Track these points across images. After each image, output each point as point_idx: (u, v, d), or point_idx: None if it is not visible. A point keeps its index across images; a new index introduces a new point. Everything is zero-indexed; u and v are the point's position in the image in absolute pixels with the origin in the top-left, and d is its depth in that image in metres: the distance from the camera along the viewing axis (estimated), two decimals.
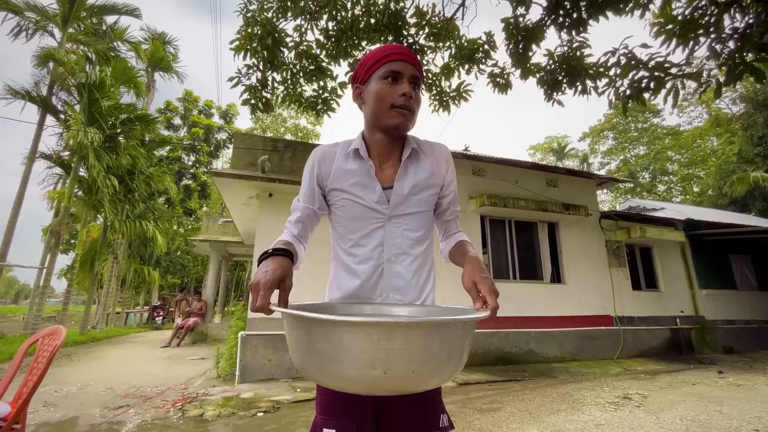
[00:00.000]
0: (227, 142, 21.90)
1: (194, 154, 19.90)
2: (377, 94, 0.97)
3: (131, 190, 11.63)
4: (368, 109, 1.00)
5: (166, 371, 6.03)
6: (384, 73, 0.96)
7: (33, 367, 2.12)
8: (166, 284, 20.70)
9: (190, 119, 19.88)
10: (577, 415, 3.66)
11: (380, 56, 0.97)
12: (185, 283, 23.76)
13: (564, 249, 7.42)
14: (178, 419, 3.57)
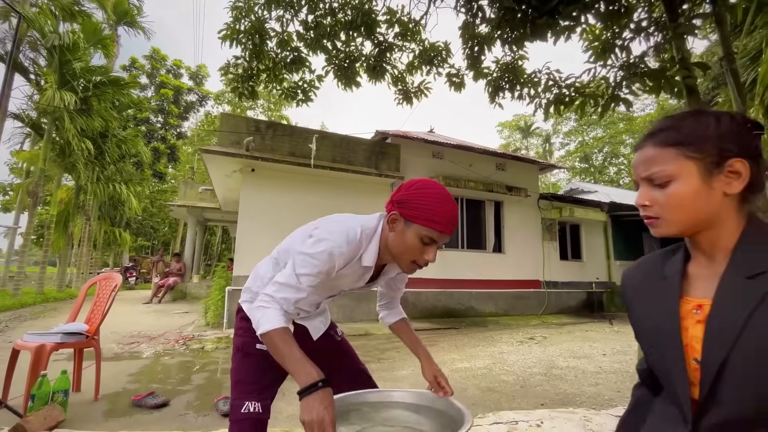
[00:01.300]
0: (197, 105, 21.51)
1: (162, 115, 19.49)
2: (410, 246, 1.00)
3: (102, 153, 11.74)
4: (395, 242, 1.03)
5: (157, 321, 6.87)
6: (427, 234, 0.98)
7: (96, 302, 2.98)
8: (136, 246, 20.83)
9: (157, 79, 19.26)
10: (490, 348, 4.96)
11: (435, 220, 0.97)
12: (158, 246, 23.84)
13: (506, 224, 8.73)
14: (184, 351, 4.53)
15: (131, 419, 2.49)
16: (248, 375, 1.15)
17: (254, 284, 1.23)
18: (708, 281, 0.66)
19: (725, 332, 0.59)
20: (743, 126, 0.66)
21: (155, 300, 9.89)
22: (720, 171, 0.64)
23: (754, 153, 0.64)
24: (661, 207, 0.68)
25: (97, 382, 2.82)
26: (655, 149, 0.68)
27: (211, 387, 3.25)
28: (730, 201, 0.65)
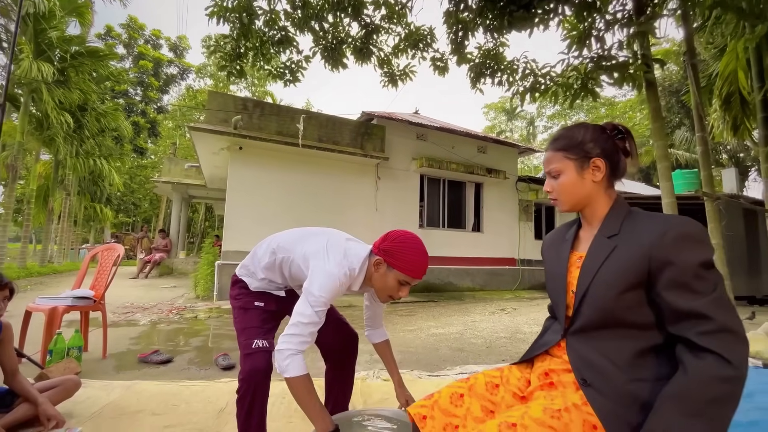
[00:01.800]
0: (178, 78, 20.88)
1: (141, 88, 18.88)
2: (389, 286, 1.27)
3: (81, 126, 11.49)
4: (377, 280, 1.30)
5: (146, 294, 7.09)
6: (403, 279, 1.25)
7: (99, 270, 3.22)
8: (116, 223, 20.55)
9: (136, 50, 18.51)
10: (464, 317, 5.43)
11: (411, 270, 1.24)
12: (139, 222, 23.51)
13: (485, 205, 9.15)
14: (179, 319, 4.81)
15: (140, 372, 2.79)
16: (252, 322, 1.42)
17: (251, 263, 1.54)
18: (588, 241, 0.99)
19: (589, 272, 0.93)
20: (603, 133, 0.98)
21: (142, 275, 10.02)
22: (587, 166, 0.96)
23: (611, 152, 0.97)
24: (557, 192, 1.00)
25: (104, 341, 3.10)
26: (551, 153, 1.01)
27: (209, 348, 3.56)
28: (598, 186, 0.97)
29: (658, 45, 19.27)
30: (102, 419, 1.95)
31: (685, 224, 0.84)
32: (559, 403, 0.84)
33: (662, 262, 0.81)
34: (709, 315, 0.76)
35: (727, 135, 6.12)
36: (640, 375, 0.83)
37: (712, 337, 0.75)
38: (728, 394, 0.74)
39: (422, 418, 0.97)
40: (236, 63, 5.39)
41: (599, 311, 0.88)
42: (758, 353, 3.10)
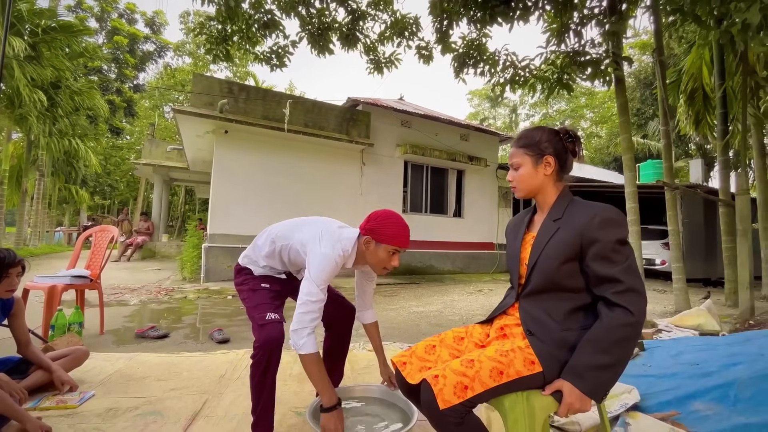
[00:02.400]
0: (155, 55, 20.09)
1: (117, 65, 18.11)
2: (381, 258, 1.46)
3: (54, 104, 11.08)
4: (370, 256, 1.48)
5: (132, 276, 7.13)
6: (392, 249, 1.45)
7: (94, 251, 3.32)
8: (93, 206, 19.98)
9: (109, 24, 17.65)
10: (443, 297, 5.76)
11: (396, 240, 1.43)
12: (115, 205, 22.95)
13: (466, 191, 9.46)
14: (169, 299, 4.94)
15: (138, 346, 2.96)
16: (263, 299, 1.59)
17: (252, 253, 1.72)
18: (539, 224, 1.24)
19: (538, 248, 1.17)
20: (557, 136, 1.21)
21: (123, 258, 9.95)
22: (541, 162, 1.19)
23: (561, 152, 1.20)
24: (516, 181, 1.24)
25: (101, 318, 3.24)
26: (514, 149, 1.24)
27: (202, 324, 3.74)
28: (549, 178, 1.21)
29: (637, 36, 19.79)
30: (111, 384, 2.14)
31: (608, 211, 1.09)
32: (508, 345, 1.10)
33: (590, 239, 1.06)
34: (621, 279, 1.01)
35: (690, 128, 6.55)
36: (570, 326, 1.10)
37: (622, 296, 1.00)
38: (629, 336, 1.01)
39: (402, 364, 1.21)
40: (222, 46, 5.39)
41: (544, 279, 1.13)
42: (699, 326, 3.51)
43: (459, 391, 0.99)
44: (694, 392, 1.62)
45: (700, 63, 6.28)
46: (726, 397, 1.53)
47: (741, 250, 4.50)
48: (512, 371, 1.04)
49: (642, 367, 2.03)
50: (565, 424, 1.62)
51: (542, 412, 1.04)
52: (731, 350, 1.95)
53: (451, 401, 0.98)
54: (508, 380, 1.03)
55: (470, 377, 1.01)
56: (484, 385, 1.01)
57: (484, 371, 1.03)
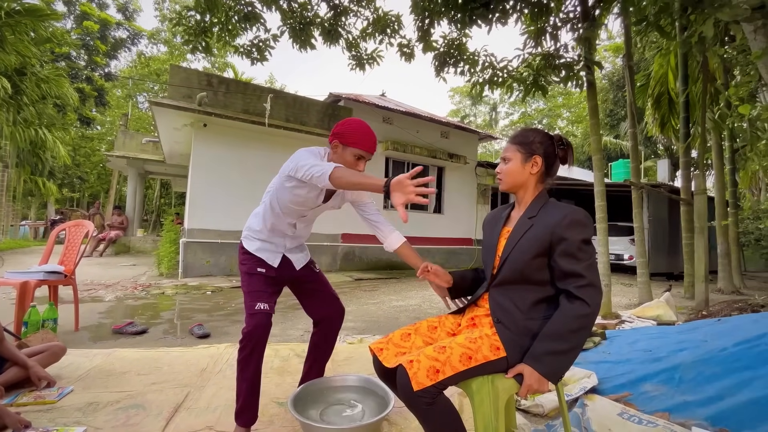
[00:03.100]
0: (128, 42, 19.31)
1: (87, 52, 17.30)
2: (347, 162, 1.50)
3: (19, 92, 10.54)
4: (337, 160, 1.52)
5: (105, 272, 6.93)
6: (357, 153, 1.51)
7: (67, 246, 3.25)
8: (61, 199, 19.14)
9: (78, 8, 16.80)
10: (422, 292, 5.89)
11: (360, 143, 1.50)
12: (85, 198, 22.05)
13: (447, 188, 9.64)
14: (146, 295, 4.87)
15: (116, 342, 2.94)
16: (257, 286, 1.60)
17: (251, 222, 1.76)
18: (516, 219, 1.34)
19: (512, 242, 1.27)
20: (550, 141, 1.29)
21: (95, 254, 9.63)
22: (530, 160, 1.28)
23: (550, 156, 1.28)
24: (503, 174, 1.32)
25: (76, 315, 3.19)
26: (509, 144, 1.33)
27: (182, 320, 3.73)
28: (534, 177, 1.29)
29: (612, 39, 20.47)
30: (90, 379, 2.14)
31: (577, 213, 1.20)
32: (477, 333, 1.20)
33: (559, 237, 1.17)
34: (583, 275, 1.13)
35: (656, 131, 6.91)
36: (533, 315, 1.21)
37: (583, 289, 1.12)
38: (585, 325, 1.12)
39: (379, 350, 1.30)
40: (201, 38, 5.29)
41: (514, 271, 1.23)
42: (658, 316, 3.77)
43: (431, 375, 1.08)
44: (645, 375, 1.78)
45: (667, 68, 6.62)
46: (672, 379, 1.69)
47: (698, 246, 4.83)
48: (480, 356, 1.14)
49: (602, 354, 2.20)
50: (530, 407, 1.76)
51: (505, 393, 1.15)
52: (680, 338, 2.14)
53: (423, 383, 1.07)
54: (476, 364, 1.13)
55: (442, 362, 1.11)
56: (454, 369, 1.11)
57: (454, 356, 1.12)
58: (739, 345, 1.76)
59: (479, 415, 1.13)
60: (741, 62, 3.97)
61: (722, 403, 1.47)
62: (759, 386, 1.48)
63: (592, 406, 1.63)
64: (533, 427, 1.60)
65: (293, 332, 3.33)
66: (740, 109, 2.50)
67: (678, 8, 3.02)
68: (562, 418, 1.30)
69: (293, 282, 1.82)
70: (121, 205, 12.21)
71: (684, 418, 1.48)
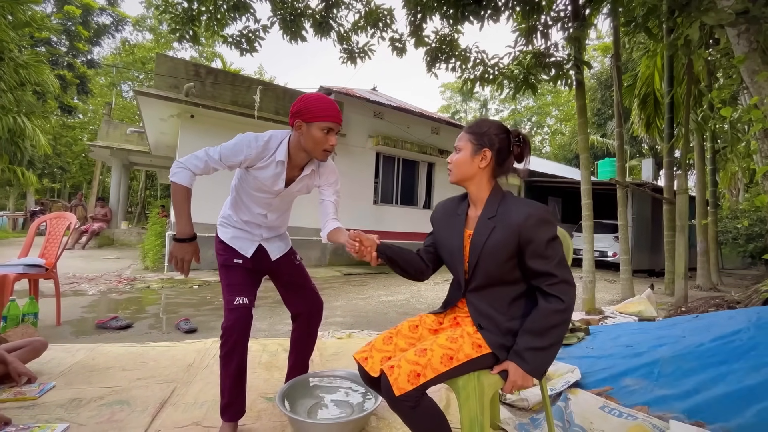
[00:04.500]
0: (112, 29, 18.72)
1: (68, 38, 16.69)
2: (316, 139, 1.42)
3: None
4: (305, 140, 1.44)
5: (88, 265, 6.79)
6: (324, 126, 1.41)
7: (48, 239, 3.17)
8: (41, 189, 18.59)
9: None
10: (411, 287, 5.93)
11: (324, 115, 1.40)
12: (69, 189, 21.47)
13: (436, 183, 9.68)
14: (131, 289, 4.78)
15: (100, 337, 2.89)
16: (234, 279, 1.57)
17: (221, 219, 1.74)
18: (474, 220, 1.28)
19: (477, 248, 1.23)
20: (505, 134, 1.25)
21: (78, 246, 9.42)
22: (479, 153, 1.23)
23: (502, 150, 1.24)
24: (453, 164, 1.28)
25: (57, 309, 3.12)
26: (462, 133, 1.28)
27: (168, 314, 3.68)
28: (482, 172, 1.24)
29: (601, 39, 20.71)
30: (73, 375, 2.10)
31: (539, 210, 1.16)
32: (458, 332, 1.21)
33: (527, 239, 1.15)
34: (554, 273, 1.13)
35: (641, 131, 7.04)
36: (514, 314, 1.21)
37: (555, 287, 1.12)
38: (561, 321, 1.12)
39: (364, 360, 1.25)
40: (189, 27, 5.17)
41: (487, 276, 1.22)
42: (639, 312, 3.87)
43: (412, 379, 1.08)
44: (625, 370, 1.83)
45: (653, 70, 6.74)
46: (651, 374, 1.75)
47: (679, 243, 4.96)
48: (461, 355, 1.14)
49: (585, 349, 2.25)
50: (515, 401, 1.79)
51: (490, 389, 1.17)
52: (660, 333, 2.20)
53: (405, 388, 1.06)
54: (457, 364, 1.13)
55: (422, 365, 1.10)
56: (435, 371, 1.10)
57: (435, 359, 1.12)
58: (715, 341, 1.83)
59: (465, 411, 1.15)
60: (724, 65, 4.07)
61: (698, 396, 1.53)
62: (733, 380, 1.54)
63: (575, 400, 1.67)
64: (518, 421, 1.64)
65: (281, 327, 3.32)
66: (722, 111, 2.56)
67: (665, 11, 3.07)
68: (546, 412, 1.33)
69: (272, 272, 1.77)
70: (105, 196, 11.92)
71: (662, 411, 1.53)
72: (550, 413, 1.32)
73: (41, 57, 11.82)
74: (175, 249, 1.42)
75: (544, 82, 5.25)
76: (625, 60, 12.21)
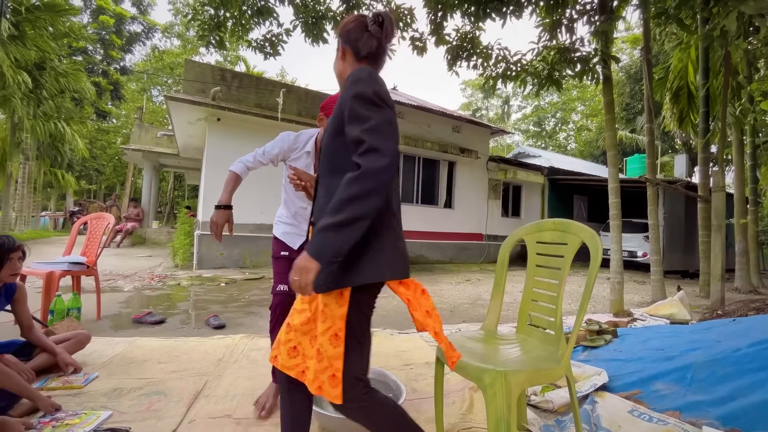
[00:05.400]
0: (143, 36, 19.56)
1: (102, 46, 17.58)
2: None
3: (39, 86, 10.81)
4: None
5: (123, 263, 7.13)
6: None
7: (89, 238, 3.36)
8: (79, 190, 19.64)
9: (94, 3, 17.04)
10: (432, 287, 5.92)
11: None
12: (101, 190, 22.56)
13: (457, 183, 9.60)
14: (162, 286, 5.00)
15: (136, 331, 3.04)
16: (279, 269, 1.82)
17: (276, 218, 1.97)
18: None
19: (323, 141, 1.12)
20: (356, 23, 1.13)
21: (113, 245, 9.90)
22: (340, 52, 1.16)
23: (354, 39, 1.13)
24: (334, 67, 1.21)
25: (98, 304, 3.30)
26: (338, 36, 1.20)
27: (198, 311, 3.83)
28: (347, 65, 1.15)
29: (631, 31, 19.92)
30: (113, 366, 2.23)
31: (360, 70, 1.03)
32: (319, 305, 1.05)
33: (343, 102, 1.02)
34: (363, 139, 0.94)
35: (674, 126, 6.75)
36: None
37: (362, 156, 0.93)
38: (359, 192, 0.91)
39: (274, 358, 1.13)
40: (215, 32, 5.35)
41: (324, 158, 1.09)
42: (671, 315, 3.73)
43: (334, 383, 0.99)
44: (656, 374, 1.78)
45: (687, 61, 6.44)
46: (683, 378, 1.70)
47: (715, 244, 4.74)
48: (338, 323, 1.01)
49: (613, 352, 2.20)
50: (539, 403, 1.78)
51: (518, 387, 1.18)
52: (693, 337, 2.12)
53: (338, 394, 0.98)
54: (345, 331, 1.01)
55: (327, 365, 1.00)
56: (338, 358, 0.99)
57: (329, 350, 1.00)
58: (753, 346, 1.75)
59: (491, 409, 1.16)
60: (765, 56, 3.85)
61: (734, 403, 1.47)
62: None
63: (602, 403, 1.64)
64: (543, 423, 1.63)
65: None
66: (762, 104, 2.44)
67: (700, 1, 2.94)
68: (573, 414, 1.32)
69: None
70: (137, 197, 12.46)
71: (695, 417, 1.48)
72: (578, 415, 1.31)
73: (79, 65, 12.51)
74: (213, 214, 1.71)
75: (568, 78, 5.12)
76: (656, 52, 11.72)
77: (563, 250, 1.42)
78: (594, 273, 1.28)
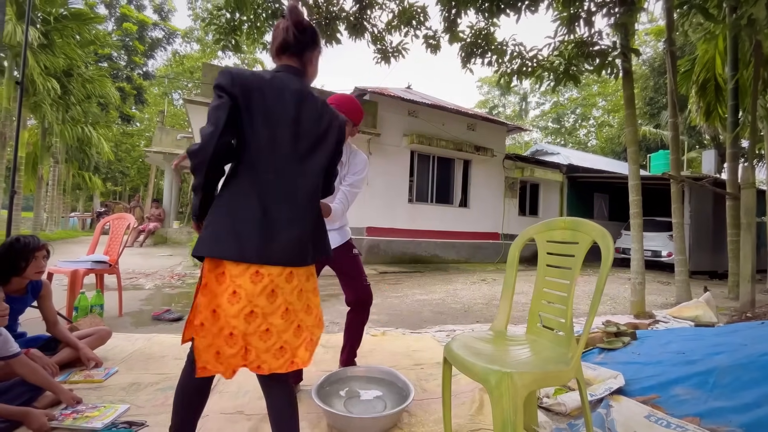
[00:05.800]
0: (164, 42, 20.15)
1: (126, 52, 18.22)
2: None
3: (67, 92, 11.29)
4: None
5: (145, 262, 7.37)
6: None
7: (111, 237, 3.48)
8: (105, 192, 20.42)
9: (118, 11, 17.69)
10: (446, 286, 5.88)
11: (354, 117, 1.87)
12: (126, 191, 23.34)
13: (473, 181, 9.49)
14: (181, 284, 5.14)
15: (155, 327, 3.14)
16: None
17: None
18: None
19: None
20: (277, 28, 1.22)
21: (136, 244, 10.24)
22: None
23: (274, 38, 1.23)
24: None
25: (120, 302, 3.42)
26: None
27: None
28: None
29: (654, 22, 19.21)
30: (133, 361, 2.30)
31: None
32: None
33: None
34: None
35: (701, 120, 6.47)
36: None
37: None
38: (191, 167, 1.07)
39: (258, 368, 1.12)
40: (231, 36, 5.45)
41: None
42: (696, 317, 3.58)
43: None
44: (676, 378, 1.71)
45: (714, 52, 6.16)
46: (705, 383, 1.62)
47: (744, 243, 4.52)
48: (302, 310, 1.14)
49: (631, 354, 2.13)
50: (551, 405, 1.74)
51: (524, 389, 1.15)
52: (717, 340, 2.03)
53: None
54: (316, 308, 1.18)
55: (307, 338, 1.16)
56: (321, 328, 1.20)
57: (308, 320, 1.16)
58: None
59: (497, 411, 1.14)
60: None
61: (760, 410, 1.40)
62: None
63: (617, 407, 1.59)
64: (555, 426, 1.59)
65: None
66: None
67: None
68: (584, 418, 1.29)
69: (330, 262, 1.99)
70: (159, 198, 12.85)
71: (716, 424, 1.42)
72: (589, 418, 1.27)
73: (104, 71, 13.00)
74: None
75: (586, 74, 4.97)
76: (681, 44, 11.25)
77: (574, 250, 1.38)
78: (605, 273, 1.23)
